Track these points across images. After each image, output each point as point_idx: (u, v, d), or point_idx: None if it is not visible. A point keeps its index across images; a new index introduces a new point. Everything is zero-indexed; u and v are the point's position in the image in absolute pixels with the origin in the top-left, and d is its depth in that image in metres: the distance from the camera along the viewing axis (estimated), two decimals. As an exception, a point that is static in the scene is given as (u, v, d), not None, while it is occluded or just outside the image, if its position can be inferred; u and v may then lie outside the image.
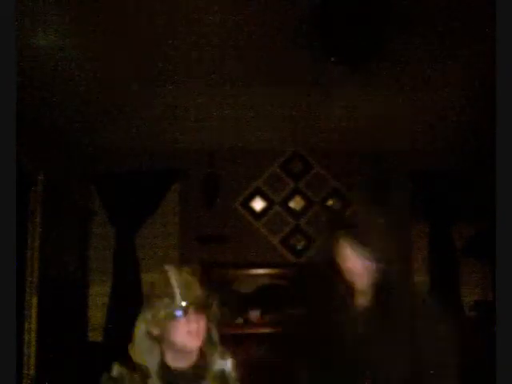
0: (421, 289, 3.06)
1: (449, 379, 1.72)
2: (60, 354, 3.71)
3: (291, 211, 4.75)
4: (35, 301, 3.45)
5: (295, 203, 4.77)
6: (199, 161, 4.61)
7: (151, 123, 4.11)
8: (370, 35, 2.62)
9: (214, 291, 1.65)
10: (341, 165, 4.73)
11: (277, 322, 4.24)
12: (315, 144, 4.61)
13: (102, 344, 4.28)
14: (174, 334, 1.56)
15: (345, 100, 3.79)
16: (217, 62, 3.21)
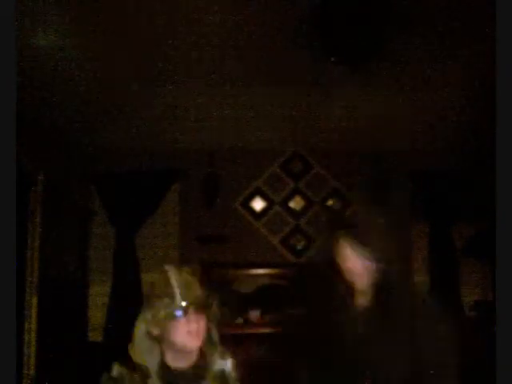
0: (421, 289, 3.06)
1: (449, 379, 1.72)
2: (60, 354, 3.71)
3: (291, 211, 4.75)
4: (35, 301, 3.45)
5: (295, 203, 4.77)
6: (199, 161, 4.61)
7: (151, 123, 4.11)
8: (370, 35, 2.62)
9: (214, 291, 1.65)
10: (341, 165, 4.73)
11: (277, 322, 4.24)
12: (315, 144, 4.61)
13: (102, 344, 4.28)
14: (174, 334, 1.56)
15: (345, 100, 3.79)
16: (217, 62, 3.21)
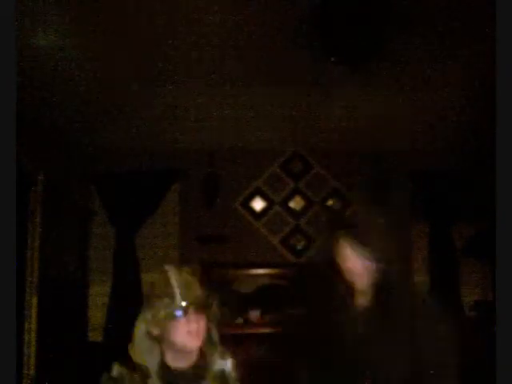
0: (421, 289, 3.06)
1: (449, 379, 1.72)
2: (60, 354, 3.71)
3: (291, 211, 4.75)
4: (35, 301, 3.45)
5: (295, 203, 4.77)
6: (199, 161, 4.61)
7: (151, 123, 4.11)
8: (370, 35, 2.62)
9: (214, 291, 1.65)
10: (341, 165, 4.73)
11: (277, 322, 4.24)
12: (315, 144, 4.61)
13: (102, 344, 4.28)
14: (174, 334, 1.56)
15: (345, 100, 3.79)
16: (217, 62, 3.21)
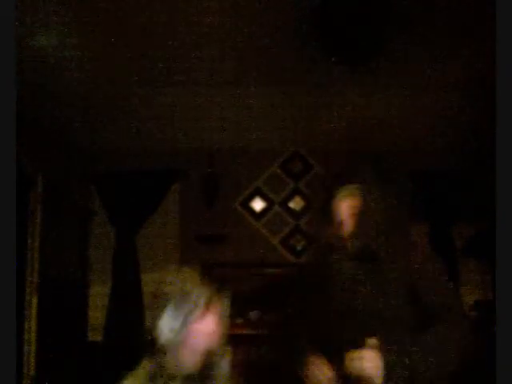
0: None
1: (455, 320, 1.73)
2: (60, 354, 3.71)
3: (291, 211, 4.75)
4: (35, 301, 3.46)
5: (295, 203, 4.77)
6: (199, 161, 4.61)
7: (151, 123, 4.11)
8: (370, 35, 2.62)
9: (223, 289, 1.64)
10: (341, 165, 4.70)
11: (277, 322, 4.23)
12: (315, 144, 4.61)
13: (102, 344, 4.28)
14: (188, 336, 1.54)
15: (345, 100, 3.78)
16: (217, 62, 3.21)
